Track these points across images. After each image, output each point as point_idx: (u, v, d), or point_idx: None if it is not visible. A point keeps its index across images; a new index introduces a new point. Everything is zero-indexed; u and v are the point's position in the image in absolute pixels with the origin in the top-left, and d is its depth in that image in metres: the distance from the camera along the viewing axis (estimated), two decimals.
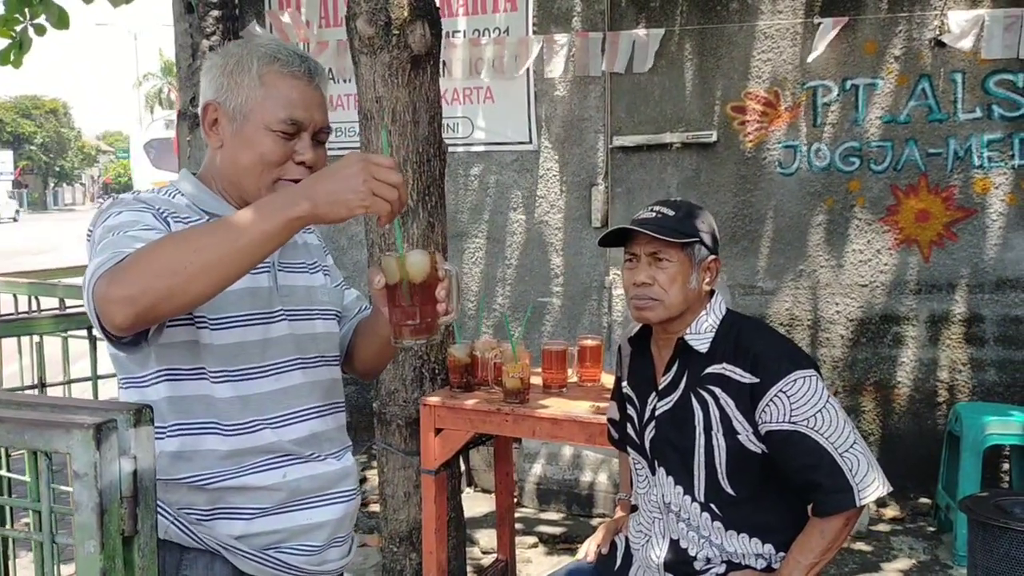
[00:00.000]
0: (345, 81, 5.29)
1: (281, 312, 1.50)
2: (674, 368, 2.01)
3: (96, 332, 1.37)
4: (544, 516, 4.44)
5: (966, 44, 4.29)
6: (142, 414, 1.21)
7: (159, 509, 1.43)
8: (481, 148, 5.13)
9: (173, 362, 1.42)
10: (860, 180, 4.57)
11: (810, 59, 4.45)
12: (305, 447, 1.51)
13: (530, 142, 5.04)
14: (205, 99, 1.48)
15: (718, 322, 2.00)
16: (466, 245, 5.19)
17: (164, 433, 1.43)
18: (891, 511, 4.40)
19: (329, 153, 1.49)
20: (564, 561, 3.27)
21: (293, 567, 1.48)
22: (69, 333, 2.50)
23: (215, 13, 5.62)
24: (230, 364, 1.43)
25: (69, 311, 2.58)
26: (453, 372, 2.96)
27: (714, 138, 4.72)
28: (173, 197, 1.48)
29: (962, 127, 4.41)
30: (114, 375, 2.54)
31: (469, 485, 4.79)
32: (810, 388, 1.88)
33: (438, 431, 2.87)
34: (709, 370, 1.95)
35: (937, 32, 4.38)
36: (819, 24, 4.47)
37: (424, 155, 2.90)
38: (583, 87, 4.94)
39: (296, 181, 1.44)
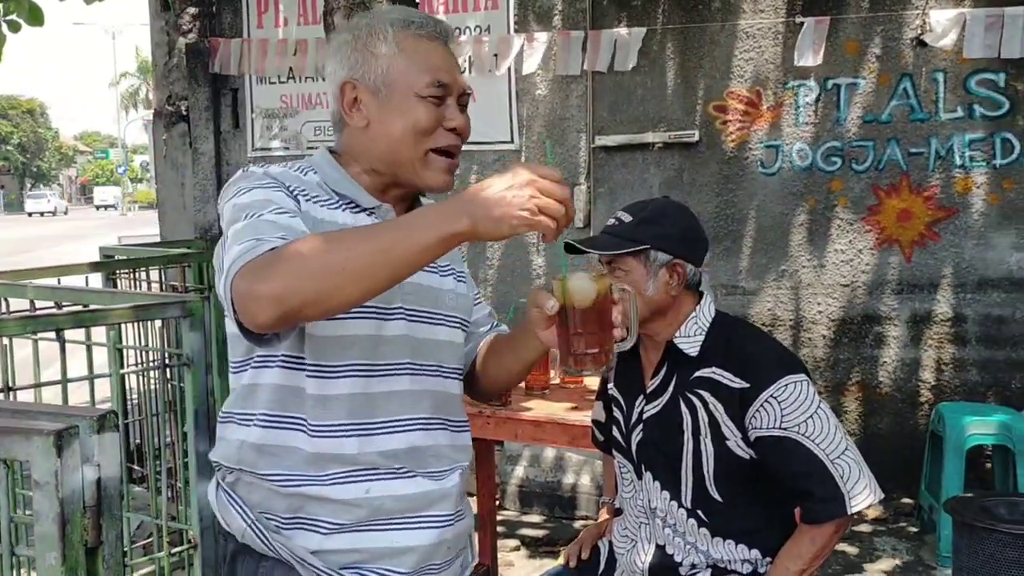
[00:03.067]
0: (324, 79, 5.22)
1: (400, 310, 1.40)
2: (663, 371, 1.97)
3: (228, 320, 1.28)
4: (526, 519, 4.40)
5: (947, 43, 4.29)
6: (106, 420, 1.16)
7: (238, 509, 1.38)
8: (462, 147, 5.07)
9: (288, 348, 1.33)
10: (842, 180, 4.56)
11: (797, 62, 4.42)
12: (398, 461, 1.38)
13: (512, 141, 5.00)
14: (339, 79, 1.40)
15: (708, 325, 1.96)
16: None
17: (251, 421, 1.36)
18: (874, 512, 4.38)
19: (308, 152, 1.44)
20: (547, 564, 3.24)
21: None
22: (39, 335, 2.43)
23: (192, 10, 5.56)
24: (332, 359, 1.34)
25: (39, 312, 2.51)
26: None
27: (696, 138, 4.70)
28: (305, 174, 1.40)
29: (944, 127, 4.41)
30: (84, 378, 2.49)
31: None
32: (801, 393, 1.85)
33: None
34: (698, 374, 1.92)
35: (919, 31, 4.37)
36: (801, 23, 4.45)
37: None
38: (565, 86, 4.91)
39: (446, 151, 1.39)
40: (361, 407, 1.35)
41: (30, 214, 46.03)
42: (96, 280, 4.11)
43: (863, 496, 1.82)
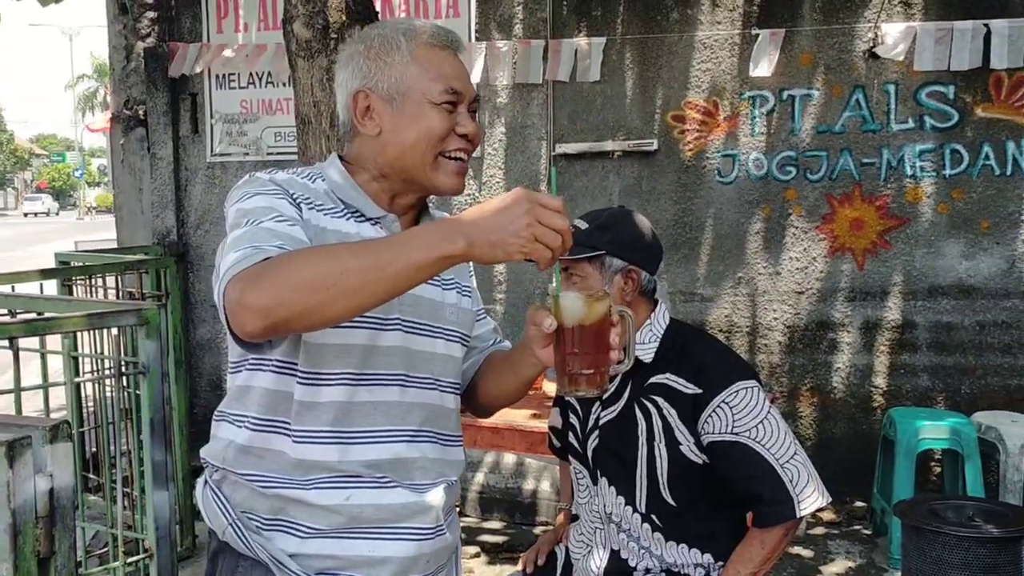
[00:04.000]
0: (284, 85, 5.22)
1: (398, 321, 1.39)
2: (618, 378, 2.00)
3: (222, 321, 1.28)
4: (486, 525, 4.41)
5: (899, 56, 4.40)
6: (59, 430, 1.16)
7: (221, 507, 1.39)
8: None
9: (282, 354, 1.34)
10: (796, 189, 4.65)
11: (752, 72, 4.50)
12: (380, 471, 1.38)
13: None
14: (352, 88, 1.42)
15: (662, 332, 1.99)
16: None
17: (243, 422, 1.38)
18: (827, 515, 4.46)
19: (267, 158, 1.45)
20: (507, 571, 3.26)
21: None
22: None
23: (150, 14, 5.51)
24: (325, 367, 1.34)
25: None
26: None
27: (655, 146, 4.76)
28: (313, 181, 1.41)
29: (895, 137, 4.51)
30: (38, 387, 2.47)
31: None
32: (752, 399, 1.89)
33: None
34: (653, 380, 1.95)
35: (871, 44, 4.47)
36: (756, 35, 4.53)
37: None
38: (526, 94, 4.94)
39: (458, 156, 1.40)
40: (344, 415, 1.35)
41: (26, 215, 49.92)
42: (51, 287, 4.06)
43: (811, 499, 1.87)
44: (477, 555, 4.06)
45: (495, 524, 4.41)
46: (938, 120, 4.45)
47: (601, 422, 2.02)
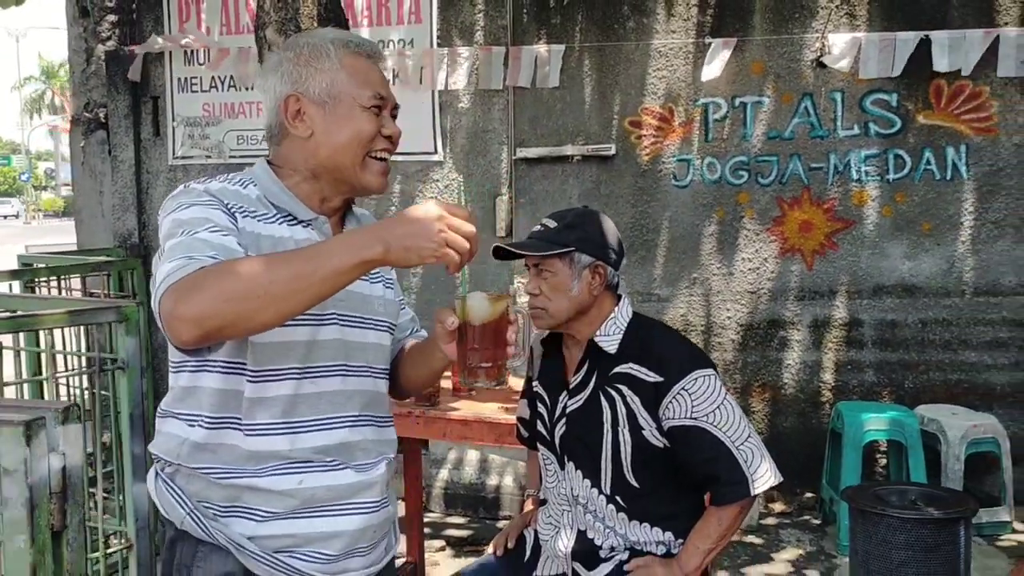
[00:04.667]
0: (247, 89, 5.27)
1: (334, 315, 1.50)
2: (584, 368, 2.12)
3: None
4: (451, 520, 4.51)
5: (844, 65, 4.60)
6: (69, 412, 1.23)
7: (177, 498, 1.46)
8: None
9: (227, 355, 1.43)
10: (748, 192, 4.82)
11: (704, 78, 4.67)
12: (328, 455, 1.48)
13: (435, 152, 5.13)
14: (282, 93, 1.51)
15: (625, 325, 2.12)
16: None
17: (196, 422, 1.45)
18: (779, 505, 4.64)
19: (230, 161, 1.53)
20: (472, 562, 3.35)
21: (304, 573, 1.46)
22: None
23: (112, 18, 5.52)
24: (270, 363, 1.43)
25: None
26: None
27: (613, 151, 4.90)
28: (244, 187, 1.49)
29: (842, 143, 4.71)
30: (17, 382, 2.51)
31: None
32: (710, 387, 2.02)
33: None
34: (617, 370, 2.07)
35: (819, 53, 4.67)
36: (709, 44, 4.70)
37: None
38: (487, 99, 5.06)
39: (383, 156, 1.51)
40: (292, 407, 1.45)
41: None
42: (12, 289, 4.07)
43: (764, 479, 2.00)
44: (442, 548, 4.16)
45: (459, 519, 4.51)
46: (882, 127, 4.66)
47: (568, 410, 2.14)
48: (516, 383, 3.15)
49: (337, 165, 1.49)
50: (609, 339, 2.10)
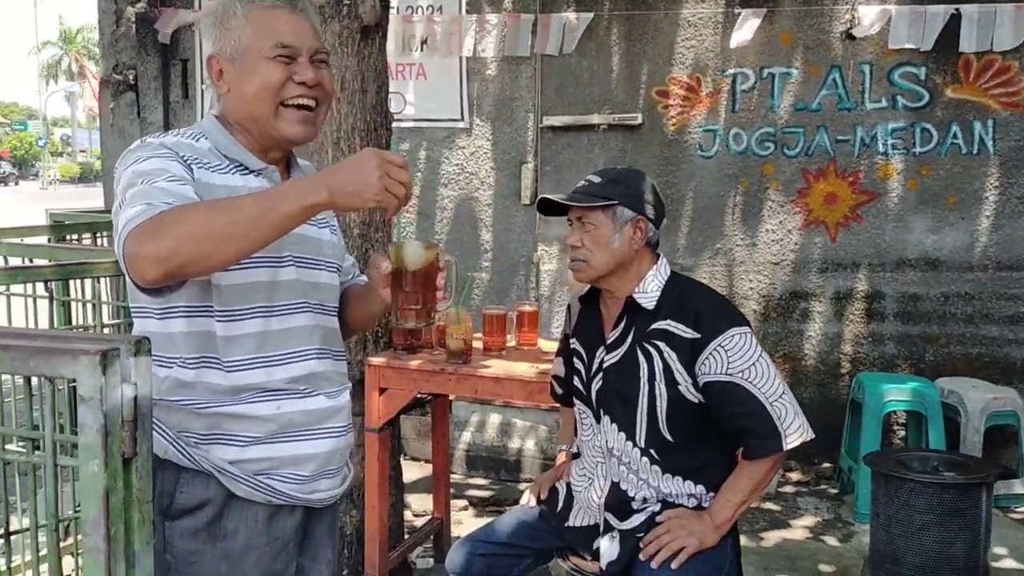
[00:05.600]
0: None
1: (290, 257, 1.60)
2: (622, 324, 2.17)
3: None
4: (473, 481, 4.59)
5: (874, 37, 4.58)
6: (141, 344, 1.28)
7: (158, 430, 1.52)
8: (412, 124, 5.21)
9: (188, 300, 1.51)
10: (774, 164, 4.83)
11: (732, 45, 4.67)
12: (301, 384, 1.60)
13: (462, 119, 5.15)
14: (207, 55, 1.60)
15: (663, 282, 2.16)
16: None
17: (173, 363, 1.52)
18: (797, 475, 4.70)
19: None
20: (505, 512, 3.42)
21: (282, 493, 1.57)
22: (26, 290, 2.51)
23: None
24: (237, 303, 1.53)
25: (28, 265, 2.58)
26: (397, 335, 3.08)
27: (639, 120, 4.92)
28: (197, 140, 1.57)
29: (869, 116, 4.71)
30: (65, 330, 2.58)
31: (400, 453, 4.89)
32: (745, 343, 2.06)
33: (382, 391, 2.98)
34: (655, 326, 2.12)
35: (848, 25, 4.66)
36: (739, 14, 4.69)
37: (371, 124, 3.00)
38: (514, 67, 5.07)
39: (299, 104, 1.56)
40: (265, 342, 1.56)
41: None
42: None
43: (797, 434, 2.05)
44: (465, 508, 4.24)
45: (481, 480, 4.59)
46: (910, 100, 4.66)
47: (605, 365, 2.19)
48: (544, 345, 3.20)
49: (253, 117, 1.57)
50: (647, 296, 2.15)
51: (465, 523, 4.07)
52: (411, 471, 4.62)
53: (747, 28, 4.64)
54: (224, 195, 1.51)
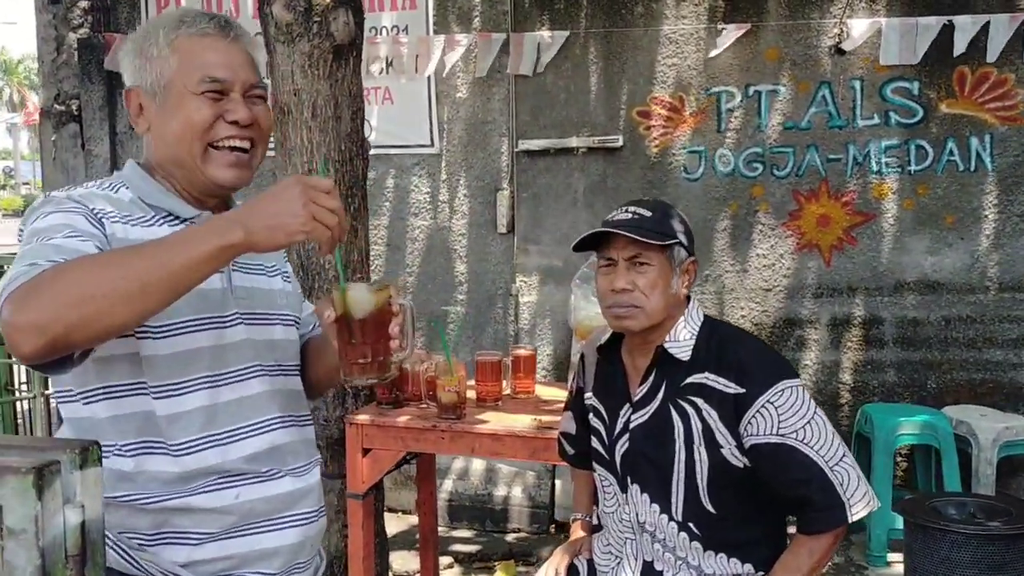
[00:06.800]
0: None
1: (237, 315, 1.40)
2: (651, 378, 1.88)
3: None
4: (456, 534, 4.26)
5: (864, 52, 4.38)
6: (89, 452, 0.99)
7: None
8: (379, 151, 4.89)
9: (112, 378, 1.27)
10: (763, 185, 4.61)
11: (711, 55, 4.44)
12: (262, 463, 1.39)
13: (432, 145, 4.86)
14: (127, 88, 1.38)
15: (697, 329, 1.88)
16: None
17: (108, 453, 1.28)
18: None
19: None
20: None
21: None
22: None
23: (83, 3, 5.19)
24: (177, 375, 1.30)
25: None
26: (380, 387, 2.75)
27: (620, 143, 4.66)
28: (115, 191, 1.35)
29: (861, 133, 4.50)
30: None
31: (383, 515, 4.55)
32: (797, 399, 1.79)
33: (366, 452, 2.65)
34: (690, 380, 1.83)
35: (837, 40, 4.46)
36: (722, 29, 4.47)
37: (347, 153, 2.69)
38: (486, 89, 4.80)
39: (231, 145, 1.35)
40: (215, 417, 1.35)
41: None
42: None
43: (863, 503, 1.78)
44: (451, 566, 3.91)
45: (465, 532, 4.27)
46: (903, 116, 4.46)
47: (632, 425, 1.90)
48: (541, 392, 2.90)
49: (176, 160, 1.35)
50: (680, 345, 1.86)
51: None
52: (390, 524, 4.27)
53: (731, 44, 4.42)
54: None
